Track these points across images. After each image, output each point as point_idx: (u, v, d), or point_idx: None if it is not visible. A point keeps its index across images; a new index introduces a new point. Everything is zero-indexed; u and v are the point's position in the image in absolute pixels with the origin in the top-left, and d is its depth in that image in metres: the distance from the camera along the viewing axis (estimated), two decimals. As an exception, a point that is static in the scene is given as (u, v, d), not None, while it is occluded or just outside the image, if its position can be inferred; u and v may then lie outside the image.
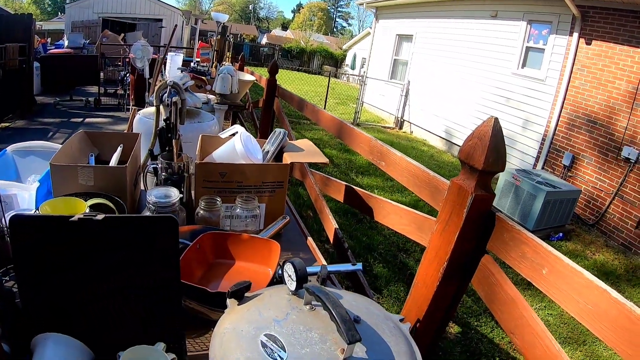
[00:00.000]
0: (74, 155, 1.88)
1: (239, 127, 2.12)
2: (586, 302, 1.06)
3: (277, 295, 1.02)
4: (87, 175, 1.64)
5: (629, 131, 6.69)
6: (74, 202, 1.47)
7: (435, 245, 1.44)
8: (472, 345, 3.36)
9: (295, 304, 0.97)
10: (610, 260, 6.04)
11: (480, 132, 1.28)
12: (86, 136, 2.06)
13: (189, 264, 1.37)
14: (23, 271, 1.00)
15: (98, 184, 1.65)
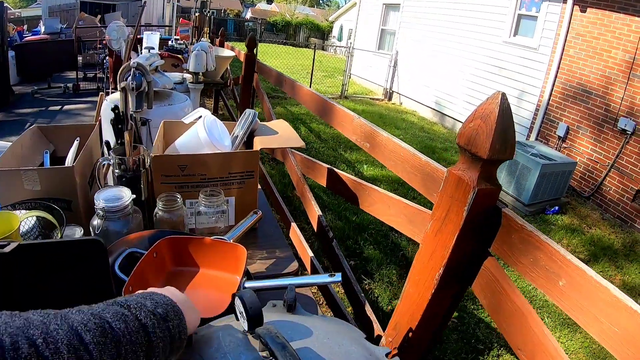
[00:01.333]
0: (25, 156, 1.67)
1: (204, 110, 1.86)
2: (611, 323, 0.86)
3: (229, 335, 0.81)
4: (32, 179, 1.44)
5: (626, 102, 6.47)
6: (7, 218, 1.28)
7: (429, 247, 1.21)
8: (469, 332, 3.19)
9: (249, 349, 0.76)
10: (607, 234, 5.89)
11: (484, 112, 1.03)
12: (39, 131, 1.85)
13: (144, 275, 1.16)
14: None
15: (45, 188, 1.45)
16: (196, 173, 1.57)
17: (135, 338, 0.60)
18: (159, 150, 1.66)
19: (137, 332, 0.61)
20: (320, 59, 13.49)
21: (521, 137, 7.99)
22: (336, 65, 17.12)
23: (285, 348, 0.67)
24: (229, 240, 1.40)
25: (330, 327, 0.87)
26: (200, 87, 3.95)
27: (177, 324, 0.69)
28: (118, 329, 0.59)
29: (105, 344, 0.56)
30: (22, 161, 1.61)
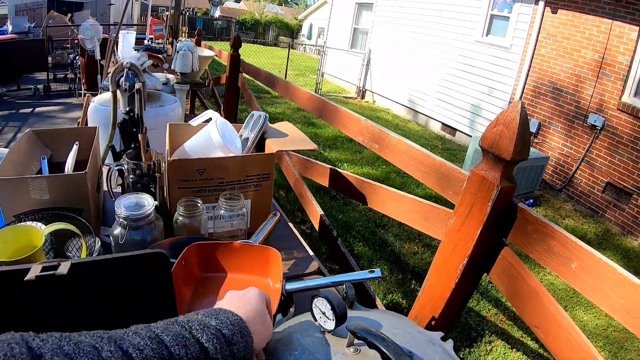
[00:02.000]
0: (23, 162, 1.56)
1: (213, 112, 1.86)
2: (618, 297, 1.00)
3: (308, 336, 0.85)
4: (40, 188, 1.34)
5: (595, 99, 6.75)
6: (28, 232, 1.21)
7: (452, 241, 1.32)
8: (462, 321, 3.31)
9: (336, 347, 0.80)
10: (580, 224, 6.13)
11: (506, 119, 1.15)
12: (35, 136, 1.73)
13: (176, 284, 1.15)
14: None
15: (54, 196, 1.37)
16: (214, 177, 1.56)
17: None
18: (169, 154, 1.66)
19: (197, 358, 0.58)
20: (290, 57, 13.48)
21: (494, 134, 8.16)
22: (307, 64, 17.16)
23: (385, 339, 0.73)
24: (256, 243, 1.41)
25: (391, 319, 0.94)
26: (187, 87, 3.96)
27: (243, 347, 0.65)
28: (177, 355, 0.56)
29: None
30: (18, 168, 1.50)
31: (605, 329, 3.67)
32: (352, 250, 3.91)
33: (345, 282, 1.04)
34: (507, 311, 3.51)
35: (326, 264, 3.32)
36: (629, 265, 5.27)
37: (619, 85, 6.47)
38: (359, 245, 4.03)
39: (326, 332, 0.84)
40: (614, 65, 6.53)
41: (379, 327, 0.87)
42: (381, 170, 6.12)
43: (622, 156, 6.45)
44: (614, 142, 6.54)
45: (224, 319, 0.66)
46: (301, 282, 1.17)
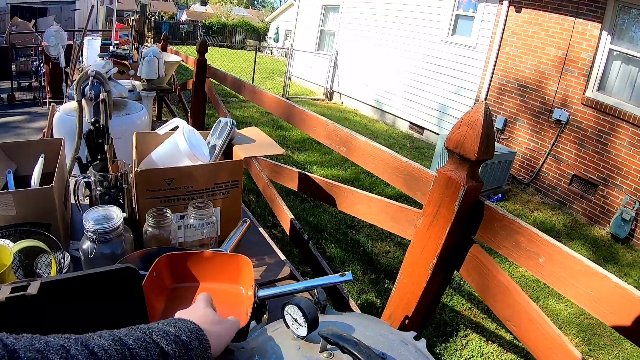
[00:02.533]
0: None
1: (180, 120, 1.83)
2: (586, 287, 1.03)
3: (281, 343, 0.84)
4: (7, 204, 1.30)
5: (559, 95, 6.94)
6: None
7: (421, 240, 1.33)
8: (436, 316, 3.35)
9: (310, 353, 0.80)
10: (549, 217, 6.25)
11: (470, 120, 1.17)
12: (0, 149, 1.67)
13: (148, 297, 1.12)
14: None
15: (21, 212, 1.33)
16: (183, 186, 1.54)
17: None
18: (136, 164, 1.63)
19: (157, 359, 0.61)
20: (257, 60, 13.42)
21: (462, 130, 8.27)
22: (274, 67, 17.13)
23: (357, 343, 0.73)
24: (226, 251, 1.39)
25: (363, 322, 0.94)
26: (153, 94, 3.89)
27: (201, 352, 0.67)
28: (139, 356, 0.59)
29: None
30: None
31: (577, 317, 3.76)
32: (324, 253, 3.92)
33: (316, 287, 1.04)
34: (480, 305, 3.56)
35: (299, 267, 3.32)
36: (597, 254, 5.40)
37: (583, 81, 6.65)
38: (331, 247, 4.04)
39: (299, 339, 0.83)
40: (577, 62, 6.71)
41: (352, 330, 0.88)
42: (350, 172, 6.15)
43: (587, 149, 6.61)
44: (579, 135, 6.71)
45: (182, 326, 0.68)
46: (273, 289, 1.17)
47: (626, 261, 5.48)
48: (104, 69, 2.71)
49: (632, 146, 6.13)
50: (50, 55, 7.08)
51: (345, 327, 0.89)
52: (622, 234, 6.02)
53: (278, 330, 0.89)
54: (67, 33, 7.34)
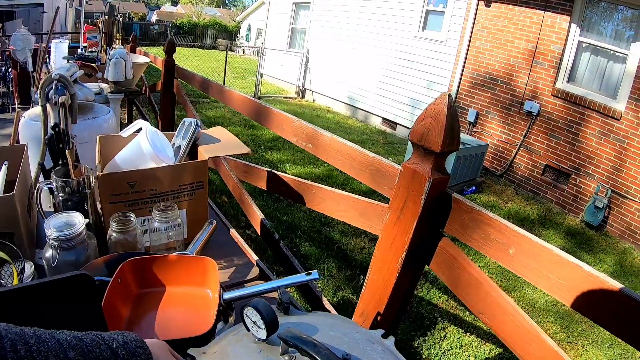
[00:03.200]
0: None
1: (143, 122, 1.79)
2: (558, 277, 1.02)
3: (243, 347, 0.82)
4: None
5: (530, 87, 7.02)
6: None
7: (390, 235, 1.31)
8: (414, 311, 3.35)
9: (270, 356, 0.78)
10: (523, 207, 6.31)
11: (434, 111, 1.15)
12: None
13: (113, 303, 1.10)
14: None
15: None
16: (146, 189, 1.51)
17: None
18: (100, 168, 1.58)
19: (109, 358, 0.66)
20: (229, 60, 13.30)
21: (435, 125, 8.33)
22: (246, 66, 17.02)
23: (316, 345, 0.71)
24: (192, 254, 1.38)
25: (328, 321, 0.92)
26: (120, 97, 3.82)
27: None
28: (94, 352, 0.64)
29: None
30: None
31: (555, 304, 3.80)
32: (298, 251, 3.89)
33: (281, 287, 1.02)
34: (457, 297, 3.57)
35: (274, 266, 3.28)
36: (572, 242, 5.47)
37: (553, 73, 6.74)
38: (305, 245, 4.01)
39: (261, 341, 0.81)
40: (547, 54, 6.80)
41: (315, 331, 0.85)
42: (323, 169, 6.12)
43: (558, 139, 6.70)
44: (550, 126, 6.79)
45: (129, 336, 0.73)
46: (239, 290, 1.16)
47: (600, 248, 5.57)
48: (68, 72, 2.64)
49: (603, 135, 6.23)
50: (17, 60, 6.90)
51: (308, 327, 0.86)
52: (596, 221, 6.12)
53: (240, 334, 0.86)
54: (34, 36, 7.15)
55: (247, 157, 6.12)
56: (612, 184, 6.18)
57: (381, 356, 0.81)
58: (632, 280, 4.86)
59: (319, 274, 1.08)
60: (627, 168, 6.04)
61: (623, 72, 6.14)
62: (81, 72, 3.18)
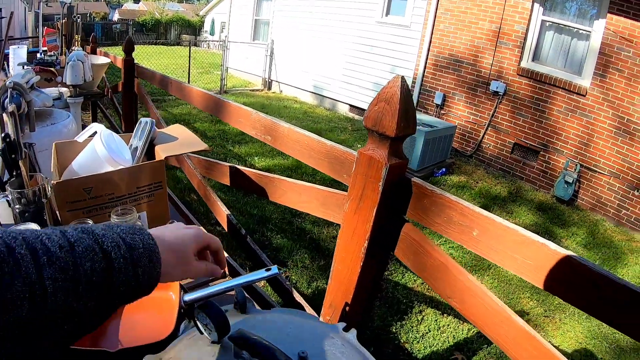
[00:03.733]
0: None
1: (98, 125, 1.73)
2: (524, 257, 1.00)
3: (198, 350, 0.79)
4: None
5: (495, 67, 7.07)
6: None
7: (350, 224, 1.28)
8: (390, 296, 3.34)
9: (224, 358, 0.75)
10: (494, 185, 6.37)
11: (387, 95, 1.12)
12: None
13: None
14: None
15: None
16: (103, 194, 1.46)
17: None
18: (57, 175, 1.54)
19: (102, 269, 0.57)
20: (194, 55, 13.11)
21: (402, 109, 8.33)
22: (211, 60, 16.77)
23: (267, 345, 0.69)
24: None
25: (287, 318, 0.90)
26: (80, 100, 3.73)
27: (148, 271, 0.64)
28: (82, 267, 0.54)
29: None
30: None
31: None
32: (270, 244, 3.86)
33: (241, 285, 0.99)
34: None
35: (246, 262, 3.25)
36: (544, 217, 5.54)
37: (517, 52, 6.79)
38: (277, 238, 3.98)
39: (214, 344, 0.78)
40: (510, 34, 6.84)
41: (271, 329, 0.83)
42: (292, 160, 6.07)
43: (525, 117, 6.78)
44: (516, 105, 6.86)
45: (138, 240, 0.63)
46: (200, 291, 1.11)
47: (572, 222, 5.65)
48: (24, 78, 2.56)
49: (569, 111, 6.32)
50: (-28, 67, 6.69)
51: (264, 326, 0.84)
52: (567, 196, 6.21)
53: (195, 337, 0.83)
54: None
55: (215, 153, 6.06)
56: (581, 159, 6.28)
57: (340, 351, 0.78)
58: (605, 251, 4.95)
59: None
60: (594, 143, 6.14)
61: (587, 49, 6.21)
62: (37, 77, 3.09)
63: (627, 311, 0.85)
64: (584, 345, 3.23)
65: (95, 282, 0.55)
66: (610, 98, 5.93)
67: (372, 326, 3.00)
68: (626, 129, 5.83)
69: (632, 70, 5.69)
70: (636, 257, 4.99)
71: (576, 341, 3.27)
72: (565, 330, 3.36)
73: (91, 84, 4.19)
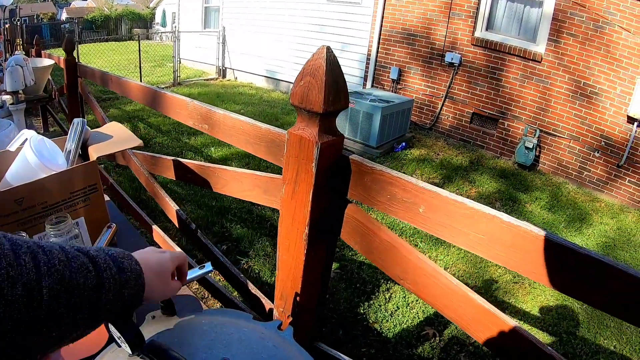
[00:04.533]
0: None
1: (28, 131, 1.64)
2: (477, 232, 0.94)
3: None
4: None
5: (449, 38, 7.05)
6: None
7: (289, 210, 1.22)
8: (354, 277, 3.29)
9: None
10: (455, 156, 6.38)
11: (311, 68, 1.04)
12: None
13: None
14: None
15: None
16: (36, 203, 1.38)
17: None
18: None
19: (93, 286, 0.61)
20: (146, 49, 12.78)
21: (357, 87, 8.29)
22: (164, 53, 16.38)
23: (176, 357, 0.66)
24: None
25: (217, 320, 0.84)
26: (23, 106, 3.59)
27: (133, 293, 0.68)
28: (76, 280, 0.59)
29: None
30: None
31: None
32: (230, 235, 3.76)
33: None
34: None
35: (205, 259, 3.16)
36: (507, 183, 5.58)
37: (471, 23, 6.79)
38: (237, 228, 3.88)
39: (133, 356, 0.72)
40: (463, 5, 6.83)
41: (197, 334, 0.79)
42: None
43: (482, 87, 6.80)
44: (472, 75, 6.87)
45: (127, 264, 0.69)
46: None
47: (535, 186, 5.71)
48: (-44, 92, 2.42)
49: (525, 78, 6.36)
50: None
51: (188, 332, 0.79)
52: (528, 161, 6.28)
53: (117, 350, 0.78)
54: None
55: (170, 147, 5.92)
56: (540, 124, 6.33)
57: (270, 353, 0.73)
58: (570, 213, 5.01)
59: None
60: (552, 107, 6.20)
61: (540, 16, 6.23)
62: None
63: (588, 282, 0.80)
64: (555, 309, 3.24)
65: (86, 296, 0.59)
66: (566, 63, 5.98)
67: (339, 309, 2.96)
68: (583, 92, 5.89)
69: (586, 34, 5.74)
70: (600, 216, 5.08)
71: (547, 305, 3.27)
72: (535, 295, 3.37)
73: (35, 88, 4.02)
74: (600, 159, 5.88)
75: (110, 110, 7.94)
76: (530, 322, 3.11)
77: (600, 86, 5.73)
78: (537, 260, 0.86)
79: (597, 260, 0.78)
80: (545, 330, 3.03)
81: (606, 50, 5.60)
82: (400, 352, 2.66)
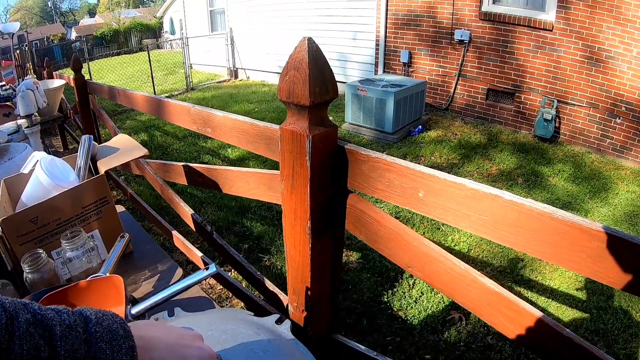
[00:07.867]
0: None
1: (39, 152, 1.69)
2: (479, 213, 0.92)
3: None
4: None
5: (456, 15, 6.95)
6: None
7: (290, 205, 1.23)
8: (377, 266, 3.29)
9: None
10: (473, 134, 6.32)
11: (294, 62, 1.04)
12: None
13: None
14: None
15: None
16: (50, 221, 1.45)
17: None
18: (6, 211, 1.50)
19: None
20: (157, 58, 12.90)
21: (369, 74, 8.26)
22: (175, 60, 16.50)
23: None
24: (104, 274, 1.28)
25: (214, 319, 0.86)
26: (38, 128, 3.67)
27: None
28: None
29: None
30: None
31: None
32: (251, 234, 3.79)
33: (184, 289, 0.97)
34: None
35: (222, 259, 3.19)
36: (528, 158, 5.50)
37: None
38: (257, 227, 3.91)
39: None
40: (467, -21, 6.70)
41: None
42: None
43: (494, 61, 6.70)
44: (483, 50, 6.77)
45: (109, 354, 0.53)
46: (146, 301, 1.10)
47: (557, 159, 5.60)
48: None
49: (538, 49, 6.23)
50: None
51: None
52: (548, 133, 6.16)
53: None
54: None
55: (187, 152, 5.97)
56: (557, 94, 6.21)
57: (264, 349, 0.74)
58: (594, 183, 4.90)
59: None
60: (568, 76, 6.06)
61: (548, -17, 6.09)
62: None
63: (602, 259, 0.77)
64: (585, 284, 3.18)
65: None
66: (578, 29, 5.82)
67: (363, 299, 2.96)
68: (598, 58, 5.74)
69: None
70: (627, 184, 4.94)
71: (575, 280, 3.21)
72: (562, 271, 3.29)
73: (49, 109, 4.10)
74: (621, 124, 5.72)
75: (127, 122, 8.04)
76: (559, 299, 3.05)
77: (616, 49, 5.56)
78: (545, 238, 0.84)
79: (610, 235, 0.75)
80: (574, 307, 2.98)
81: (618, 11, 5.44)
82: (426, 339, 2.65)
